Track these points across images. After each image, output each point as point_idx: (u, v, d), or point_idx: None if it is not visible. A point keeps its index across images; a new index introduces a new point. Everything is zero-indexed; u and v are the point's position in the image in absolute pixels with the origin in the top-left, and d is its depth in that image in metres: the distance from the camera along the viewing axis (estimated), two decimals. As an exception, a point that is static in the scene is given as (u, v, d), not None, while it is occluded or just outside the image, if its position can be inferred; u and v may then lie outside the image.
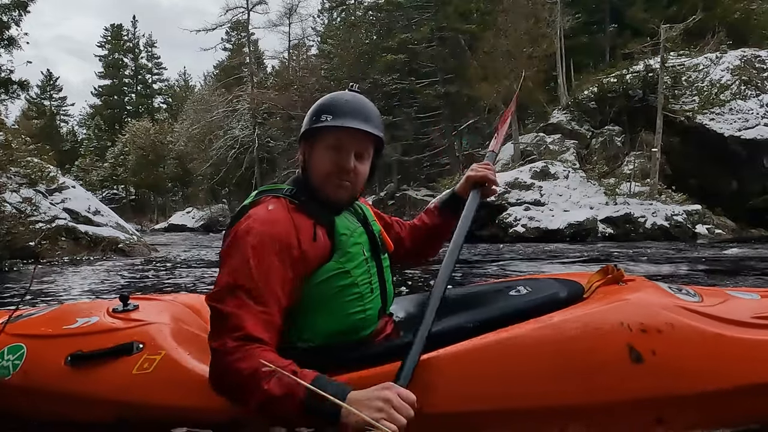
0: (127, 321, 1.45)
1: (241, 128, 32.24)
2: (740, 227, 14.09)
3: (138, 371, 1.28)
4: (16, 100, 17.28)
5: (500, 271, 6.22)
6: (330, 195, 1.32)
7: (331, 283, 1.25)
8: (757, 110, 14.84)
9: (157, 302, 1.62)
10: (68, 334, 1.41)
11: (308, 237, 1.24)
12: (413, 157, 26.48)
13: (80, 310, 1.58)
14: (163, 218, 39.02)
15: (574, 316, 1.27)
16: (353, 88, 1.42)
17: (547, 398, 1.20)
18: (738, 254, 7.97)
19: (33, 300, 4.24)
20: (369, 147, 1.36)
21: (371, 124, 1.32)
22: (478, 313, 1.35)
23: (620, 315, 1.28)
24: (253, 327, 1.12)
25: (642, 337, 1.24)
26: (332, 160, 1.30)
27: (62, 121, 53.83)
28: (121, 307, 1.52)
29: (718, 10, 19.06)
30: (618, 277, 1.46)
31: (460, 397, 1.18)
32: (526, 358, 1.21)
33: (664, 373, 1.23)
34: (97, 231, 9.99)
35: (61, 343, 1.39)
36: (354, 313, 1.28)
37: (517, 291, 1.49)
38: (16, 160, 8.73)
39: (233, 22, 35.36)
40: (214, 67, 42.92)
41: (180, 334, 1.42)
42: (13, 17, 8.98)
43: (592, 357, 1.22)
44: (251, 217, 1.24)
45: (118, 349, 1.33)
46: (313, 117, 1.33)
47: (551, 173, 14.89)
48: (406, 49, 24.92)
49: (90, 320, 1.46)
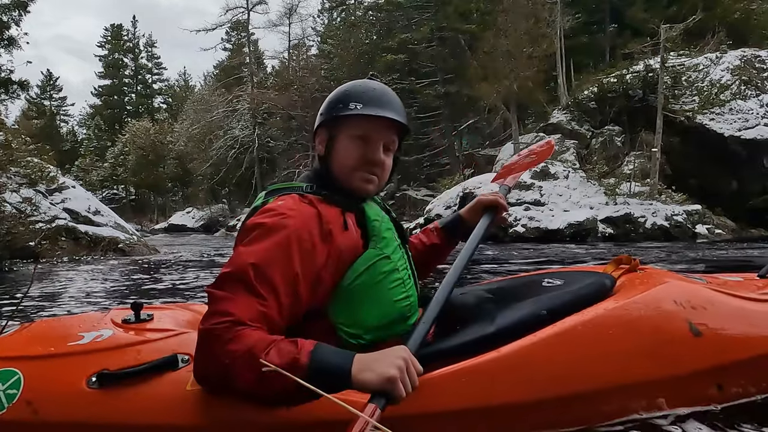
0: (152, 332, 1.26)
1: (241, 128, 32.23)
2: (740, 227, 14.08)
3: (194, 386, 1.09)
4: (16, 100, 17.27)
5: (503, 270, 6.22)
6: (356, 189, 1.25)
7: (375, 270, 1.19)
8: (757, 110, 14.84)
9: (171, 311, 1.46)
10: (80, 351, 1.17)
11: (339, 227, 1.17)
12: (413, 157, 26.46)
13: (80, 323, 1.35)
14: (163, 218, 39.02)
15: (634, 299, 1.39)
16: (374, 76, 1.38)
17: (623, 376, 1.28)
18: (737, 254, 7.97)
19: (33, 300, 4.24)
20: (395, 139, 1.31)
21: (399, 114, 1.27)
22: (541, 302, 1.40)
23: (671, 295, 1.42)
24: (245, 313, 1.04)
25: (695, 314, 1.40)
26: (360, 152, 1.23)
27: (62, 121, 53.86)
28: (134, 318, 1.33)
29: (718, 10, 19.05)
30: (635, 266, 1.62)
31: (548, 381, 1.21)
32: (604, 339, 1.30)
33: (719, 344, 1.39)
34: (97, 231, 10.00)
35: (74, 362, 1.15)
36: (400, 300, 1.23)
37: (550, 282, 1.57)
38: (16, 160, 8.74)
39: (233, 22, 35.38)
40: (214, 67, 42.97)
41: None
42: (13, 17, 8.98)
43: (660, 334, 1.35)
44: (270, 210, 1.15)
45: (161, 364, 1.12)
46: (339, 104, 1.26)
47: (551, 173, 14.89)
48: (406, 49, 24.92)
49: (102, 334, 1.24)
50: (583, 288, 1.46)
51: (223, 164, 32.43)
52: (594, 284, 1.48)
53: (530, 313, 1.34)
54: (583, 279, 1.53)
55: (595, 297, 1.42)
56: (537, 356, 1.23)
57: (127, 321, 1.32)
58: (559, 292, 1.45)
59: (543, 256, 8.74)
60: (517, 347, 1.22)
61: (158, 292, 4.84)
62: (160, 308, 1.48)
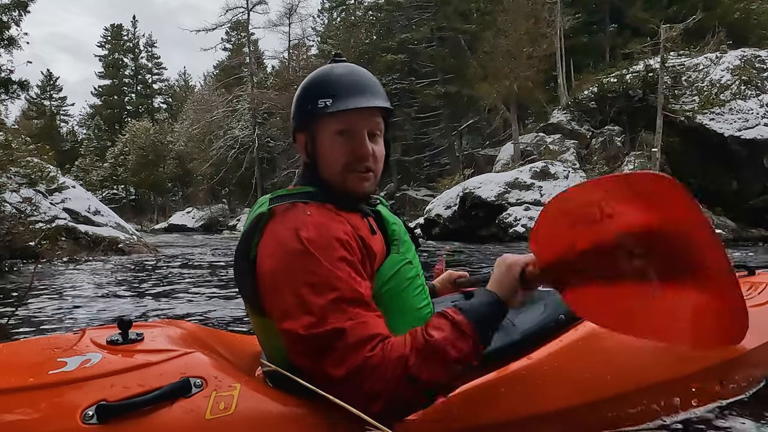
0: (149, 353, 1.07)
1: (241, 128, 32.26)
2: (740, 227, 14.07)
3: (214, 415, 0.94)
4: (16, 100, 17.26)
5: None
6: (352, 190, 1.13)
7: (401, 276, 1.12)
8: (757, 110, 14.82)
9: (159, 329, 1.25)
10: (68, 381, 0.95)
11: (367, 231, 1.09)
12: (413, 157, 26.50)
13: (54, 347, 1.12)
14: (163, 218, 38.98)
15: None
16: (340, 57, 1.22)
17: (645, 378, 1.30)
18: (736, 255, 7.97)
19: (33, 300, 4.24)
20: (380, 122, 1.16)
21: (376, 95, 1.14)
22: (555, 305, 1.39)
23: None
24: (381, 328, 0.97)
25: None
26: (345, 149, 1.11)
27: (62, 121, 53.86)
28: (121, 338, 1.12)
29: (718, 10, 19.04)
30: None
31: (565, 392, 1.21)
32: (626, 341, 1.29)
33: None
34: (97, 231, 10.00)
35: (62, 394, 0.93)
36: (423, 306, 1.18)
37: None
38: (16, 160, 8.73)
39: (233, 22, 35.40)
40: (214, 67, 42.96)
41: (226, 362, 1.13)
42: (13, 17, 8.97)
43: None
44: (295, 227, 1.02)
45: (171, 390, 0.95)
46: (307, 103, 1.13)
47: (551, 173, 14.89)
48: (406, 49, 24.94)
49: (90, 358, 1.03)
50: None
51: (223, 164, 32.45)
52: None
53: (549, 317, 1.35)
54: None
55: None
56: (569, 362, 1.23)
57: (114, 342, 1.11)
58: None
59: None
60: (548, 353, 1.23)
61: (158, 293, 4.84)
62: (147, 326, 1.26)
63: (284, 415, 0.99)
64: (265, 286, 1.03)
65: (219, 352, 1.25)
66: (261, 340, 1.18)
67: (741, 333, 0.88)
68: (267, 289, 1.03)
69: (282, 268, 1.00)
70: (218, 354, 1.22)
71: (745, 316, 0.87)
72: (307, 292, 0.96)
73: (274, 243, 1.03)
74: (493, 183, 14.88)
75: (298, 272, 0.98)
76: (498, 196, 14.31)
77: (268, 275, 1.02)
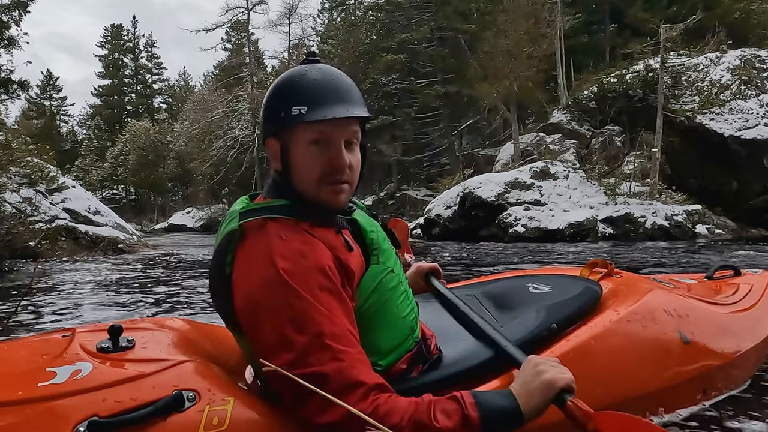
0: (141, 363, 1.03)
1: (241, 128, 32.25)
2: (740, 227, 14.08)
3: (208, 431, 0.91)
4: (16, 100, 17.26)
5: (503, 270, 6.22)
6: (326, 203, 1.06)
7: (384, 286, 1.08)
8: (757, 110, 14.83)
9: (150, 332, 1.20)
10: (59, 395, 0.91)
11: (343, 249, 1.03)
12: (413, 157, 26.51)
13: (39, 353, 1.06)
14: (163, 218, 38.99)
15: (633, 310, 1.41)
16: (314, 56, 1.13)
17: (632, 388, 1.30)
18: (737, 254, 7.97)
19: (33, 300, 4.24)
20: (357, 130, 1.07)
21: (354, 102, 1.05)
22: (546, 313, 1.38)
23: (661, 305, 1.47)
24: (367, 375, 0.93)
25: (681, 322, 1.44)
26: (321, 160, 1.03)
27: (62, 121, 53.87)
28: (111, 345, 1.06)
29: (718, 10, 19.04)
30: (611, 271, 1.65)
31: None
32: (613, 352, 1.32)
33: (702, 350, 1.45)
34: (97, 231, 10.01)
35: (54, 410, 0.89)
36: (407, 314, 1.14)
37: (536, 288, 1.55)
38: (16, 160, 8.73)
39: (233, 22, 35.37)
40: (214, 67, 42.97)
41: (218, 370, 1.09)
42: (13, 17, 8.98)
43: (659, 344, 1.38)
44: (271, 255, 0.96)
45: (164, 405, 0.92)
46: (279, 109, 1.04)
47: (551, 173, 14.89)
48: (406, 49, 24.95)
49: (81, 369, 0.98)
50: (580, 297, 1.45)
51: (223, 164, 32.45)
52: (587, 293, 1.48)
53: (542, 326, 1.33)
54: (573, 286, 1.53)
55: (592, 305, 1.43)
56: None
57: (104, 350, 1.05)
58: (557, 301, 1.44)
59: (543, 256, 8.73)
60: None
61: (158, 292, 4.84)
62: (137, 329, 1.21)
63: (279, 428, 0.97)
64: (243, 316, 0.99)
65: (210, 353, 1.21)
66: (245, 355, 1.14)
67: None
68: (245, 319, 0.99)
69: (260, 301, 0.95)
70: (209, 356, 1.19)
71: None
72: (287, 328, 0.92)
73: (249, 272, 0.97)
74: (493, 183, 14.88)
75: (277, 306, 0.93)
76: (498, 196, 14.31)
77: (245, 306, 0.97)
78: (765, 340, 1.69)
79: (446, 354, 1.23)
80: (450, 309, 1.44)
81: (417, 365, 1.15)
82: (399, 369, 1.11)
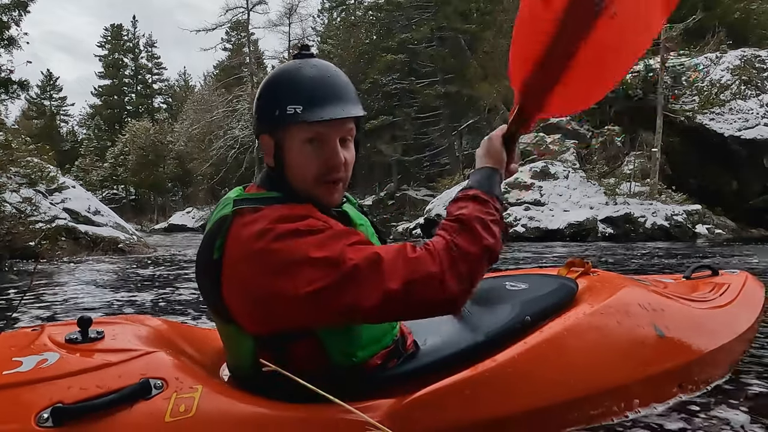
0: (109, 353, 1.03)
1: (241, 128, 32.24)
2: (740, 227, 14.09)
3: (174, 417, 0.92)
4: (16, 100, 17.26)
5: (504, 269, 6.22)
6: (323, 199, 1.07)
7: None
8: (757, 110, 14.84)
9: (121, 326, 1.20)
10: (23, 382, 0.92)
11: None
12: (413, 157, 26.50)
13: (10, 345, 1.08)
14: (163, 218, 38.98)
15: (607, 304, 1.42)
16: (307, 50, 1.10)
17: (605, 380, 1.31)
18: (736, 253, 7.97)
19: (33, 300, 4.24)
20: (352, 127, 1.08)
21: (350, 101, 1.05)
22: (521, 307, 1.39)
23: (636, 299, 1.48)
24: (386, 249, 0.98)
25: (656, 316, 1.46)
26: (317, 159, 1.04)
27: (62, 121, 53.87)
28: (80, 336, 1.07)
29: (718, 10, 19.04)
30: (588, 269, 1.68)
31: (530, 393, 1.20)
32: (587, 345, 1.33)
33: (677, 344, 1.47)
34: (97, 231, 10.00)
35: (17, 396, 0.90)
36: None
37: (513, 286, 1.57)
38: (16, 160, 8.73)
39: (233, 22, 35.35)
40: (214, 67, 42.93)
41: (189, 362, 1.11)
42: (13, 17, 8.97)
43: (633, 337, 1.40)
44: (264, 228, 0.96)
45: (131, 392, 0.93)
46: (274, 107, 1.03)
47: (551, 173, 14.89)
48: (406, 49, 24.95)
49: (48, 358, 0.98)
50: (555, 292, 1.48)
51: (223, 164, 32.46)
52: (563, 289, 1.50)
53: (514, 319, 1.33)
54: (549, 283, 1.55)
55: (567, 301, 1.45)
56: (534, 364, 1.23)
57: (73, 341, 1.06)
58: (533, 296, 1.46)
59: (541, 256, 8.73)
60: (512, 355, 1.21)
61: (157, 292, 4.84)
62: (108, 323, 1.21)
63: (246, 417, 0.97)
64: (234, 295, 0.99)
65: (183, 350, 1.22)
66: (227, 344, 1.14)
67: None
68: (236, 299, 0.99)
69: (261, 258, 0.95)
70: (182, 352, 1.19)
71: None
72: (304, 259, 0.93)
73: (244, 244, 0.97)
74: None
75: (284, 255, 0.94)
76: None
77: (238, 283, 0.98)
78: (741, 335, 1.71)
79: (422, 348, 1.25)
80: None
81: (392, 360, 1.17)
82: (374, 364, 1.12)
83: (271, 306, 0.96)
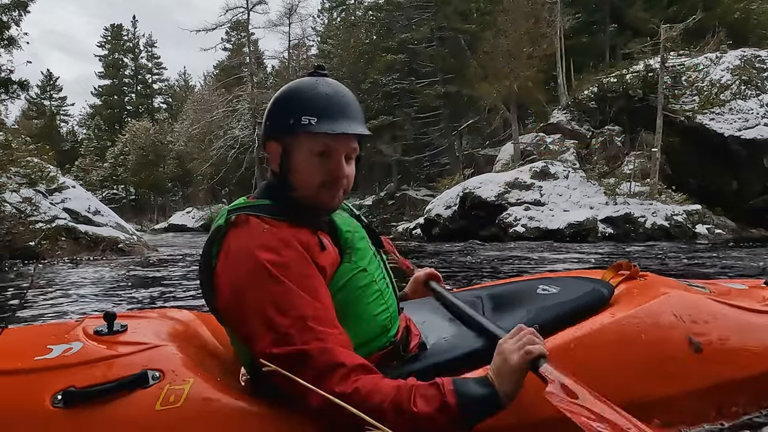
0: (124, 345, 1.15)
1: (241, 128, 32.26)
2: (740, 227, 14.07)
3: (163, 406, 1.01)
4: (16, 100, 17.27)
5: (510, 270, 6.22)
6: (323, 204, 1.15)
7: (352, 285, 1.12)
8: (757, 110, 14.83)
9: (146, 320, 1.33)
10: (47, 367, 1.07)
11: (316, 249, 1.09)
12: (413, 157, 26.50)
13: (51, 334, 1.23)
14: (163, 218, 39.00)
15: (632, 313, 1.33)
16: (322, 69, 1.19)
17: (619, 395, 1.17)
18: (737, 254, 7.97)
19: (33, 300, 4.24)
20: (356, 147, 1.17)
21: (358, 120, 1.14)
22: (534, 314, 1.36)
23: (671, 308, 1.35)
24: (349, 356, 0.99)
25: (696, 327, 1.33)
26: (323, 170, 1.11)
27: (62, 121, 53.87)
28: (106, 329, 1.20)
29: (718, 10, 19.04)
30: (635, 273, 1.55)
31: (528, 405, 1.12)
32: (597, 357, 1.24)
33: (720, 361, 1.31)
34: (97, 231, 9.99)
35: (39, 379, 1.04)
36: (380, 313, 1.16)
37: (545, 289, 1.51)
38: (16, 160, 8.74)
39: (233, 22, 35.36)
40: (214, 67, 42.94)
41: (195, 356, 1.18)
42: (13, 17, 8.98)
43: (658, 350, 1.27)
44: (250, 245, 1.03)
45: (130, 381, 1.03)
46: (289, 118, 1.10)
47: (551, 173, 14.89)
48: (406, 49, 24.94)
49: (72, 347, 1.13)
50: (579, 299, 1.40)
51: (223, 164, 32.47)
52: (590, 294, 1.42)
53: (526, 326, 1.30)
54: (580, 288, 1.47)
55: (592, 308, 1.37)
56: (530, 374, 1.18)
57: (99, 332, 1.19)
58: (552, 303, 1.41)
59: (541, 257, 8.73)
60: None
61: (157, 292, 4.84)
62: (135, 317, 1.34)
63: (231, 409, 1.04)
64: (226, 305, 1.06)
65: (204, 344, 1.30)
66: (231, 343, 1.21)
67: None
68: (227, 308, 1.06)
69: (242, 289, 1.02)
70: (201, 346, 1.27)
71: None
72: (270, 311, 0.99)
73: (231, 262, 1.04)
74: (493, 183, 14.88)
75: (259, 293, 1.00)
76: (498, 196, 14.31)
77: (228, 295, 1.04)
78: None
79: (427, 350, 1.25)
80: (448, 309, 1.46)
81: (390, 362, 1.18)
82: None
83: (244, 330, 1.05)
